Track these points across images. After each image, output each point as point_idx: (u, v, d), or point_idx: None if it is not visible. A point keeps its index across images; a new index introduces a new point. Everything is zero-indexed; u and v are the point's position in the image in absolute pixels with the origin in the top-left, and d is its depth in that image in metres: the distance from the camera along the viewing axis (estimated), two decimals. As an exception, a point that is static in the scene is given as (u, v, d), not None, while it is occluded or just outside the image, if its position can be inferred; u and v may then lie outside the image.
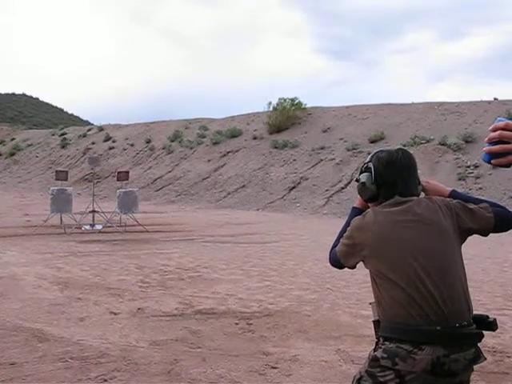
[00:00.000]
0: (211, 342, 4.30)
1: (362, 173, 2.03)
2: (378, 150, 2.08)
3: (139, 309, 5.26)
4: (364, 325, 4.73)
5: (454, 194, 2.05)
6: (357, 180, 2.05)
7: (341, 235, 2.06)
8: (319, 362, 3.92)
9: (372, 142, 20.08)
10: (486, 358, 1.83)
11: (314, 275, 7.09)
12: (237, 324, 4.84)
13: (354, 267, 2.02)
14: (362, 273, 6.42)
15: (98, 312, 5.14)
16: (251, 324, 4.84)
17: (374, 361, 1.81)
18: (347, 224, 2.05)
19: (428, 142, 18.88)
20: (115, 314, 5.09)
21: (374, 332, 1.92)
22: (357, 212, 2.11)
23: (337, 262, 2.05)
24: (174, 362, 3.83)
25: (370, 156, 2.06)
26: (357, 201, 2.19)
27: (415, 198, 1.95)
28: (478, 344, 1.80)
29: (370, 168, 2.00)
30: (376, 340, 1.89)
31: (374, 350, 1.85)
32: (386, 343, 1.79)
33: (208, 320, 4.94)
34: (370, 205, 2.06)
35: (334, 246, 2.08)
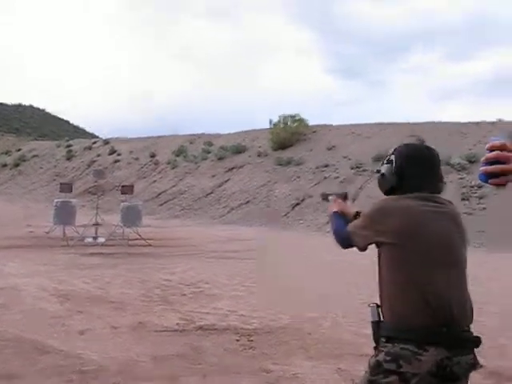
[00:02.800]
0: (212, 359, 4.28)
1: (383, 165, 2.02)
2: (403, 143, 2.07)
3: (140, 323, 5.24)
4: (366, 343, 4.69)
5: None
6: (377, 171, 2.03)
7: (336, 221, 2.12)
8: (320, 380, 3.89)
9: (376, 160, 20.07)
10: (482, 366, 1.83)
11: (315, 292, 7.07)
12: (238, 340, 4.81)
13: (365, 249, 1.99)
14: (364, 292, 6.42)
15: (99, 325, 5.13)
16: (252, 341, 4.81)
17: (376, 367, 1.76)
18: (337, 225, 2.10)
19: (432, 161, 18.88)
20: (116, 327, 5.08)
21: (372, 334, 1.87)
22: (337, 216, 2.16)
23: (346, 240, 2.01)
24: (174, 378, 3.81)
25: (393, 149, 2.05)
26: (334, 205, 2.23)
27: (439, 196, 1.93)
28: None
29: (392, 160, 1.98)
30: (374, 346, 1.85)
31: (375, 356, 1.80)
32: (389, 345, 1.75)
33: (209, 336, 4.92)
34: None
35: (337, 225, 2.10)
